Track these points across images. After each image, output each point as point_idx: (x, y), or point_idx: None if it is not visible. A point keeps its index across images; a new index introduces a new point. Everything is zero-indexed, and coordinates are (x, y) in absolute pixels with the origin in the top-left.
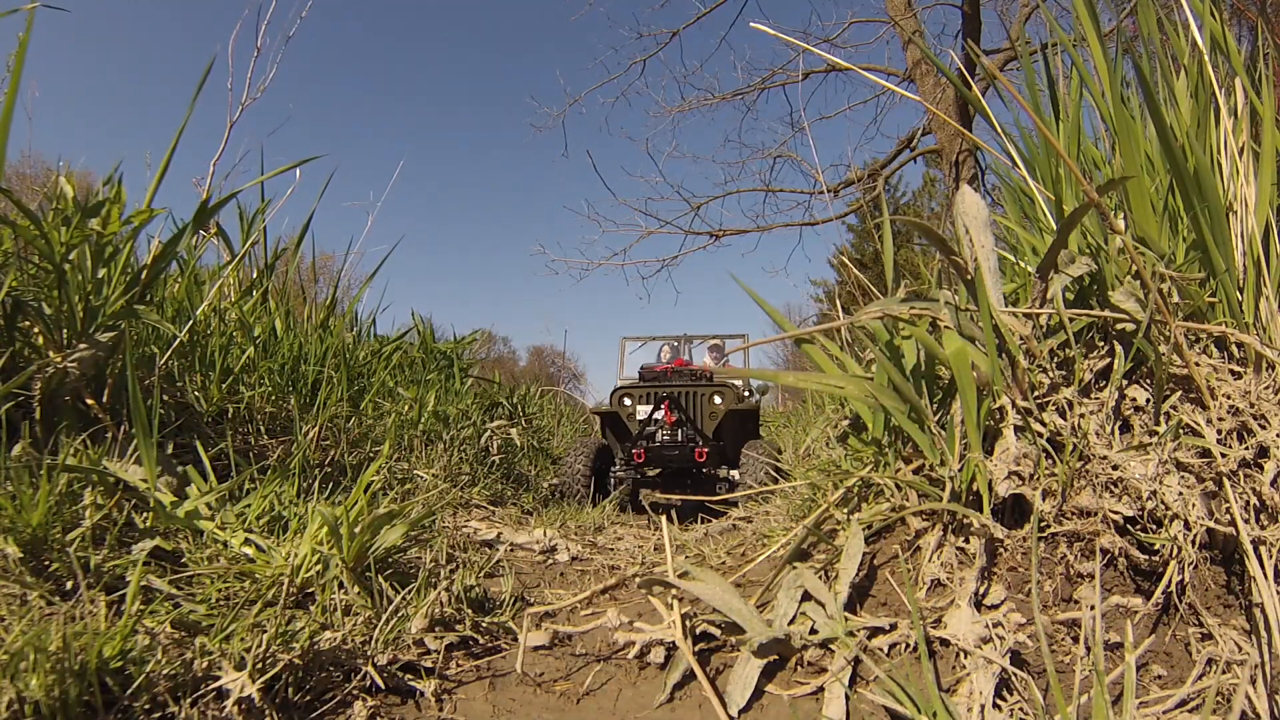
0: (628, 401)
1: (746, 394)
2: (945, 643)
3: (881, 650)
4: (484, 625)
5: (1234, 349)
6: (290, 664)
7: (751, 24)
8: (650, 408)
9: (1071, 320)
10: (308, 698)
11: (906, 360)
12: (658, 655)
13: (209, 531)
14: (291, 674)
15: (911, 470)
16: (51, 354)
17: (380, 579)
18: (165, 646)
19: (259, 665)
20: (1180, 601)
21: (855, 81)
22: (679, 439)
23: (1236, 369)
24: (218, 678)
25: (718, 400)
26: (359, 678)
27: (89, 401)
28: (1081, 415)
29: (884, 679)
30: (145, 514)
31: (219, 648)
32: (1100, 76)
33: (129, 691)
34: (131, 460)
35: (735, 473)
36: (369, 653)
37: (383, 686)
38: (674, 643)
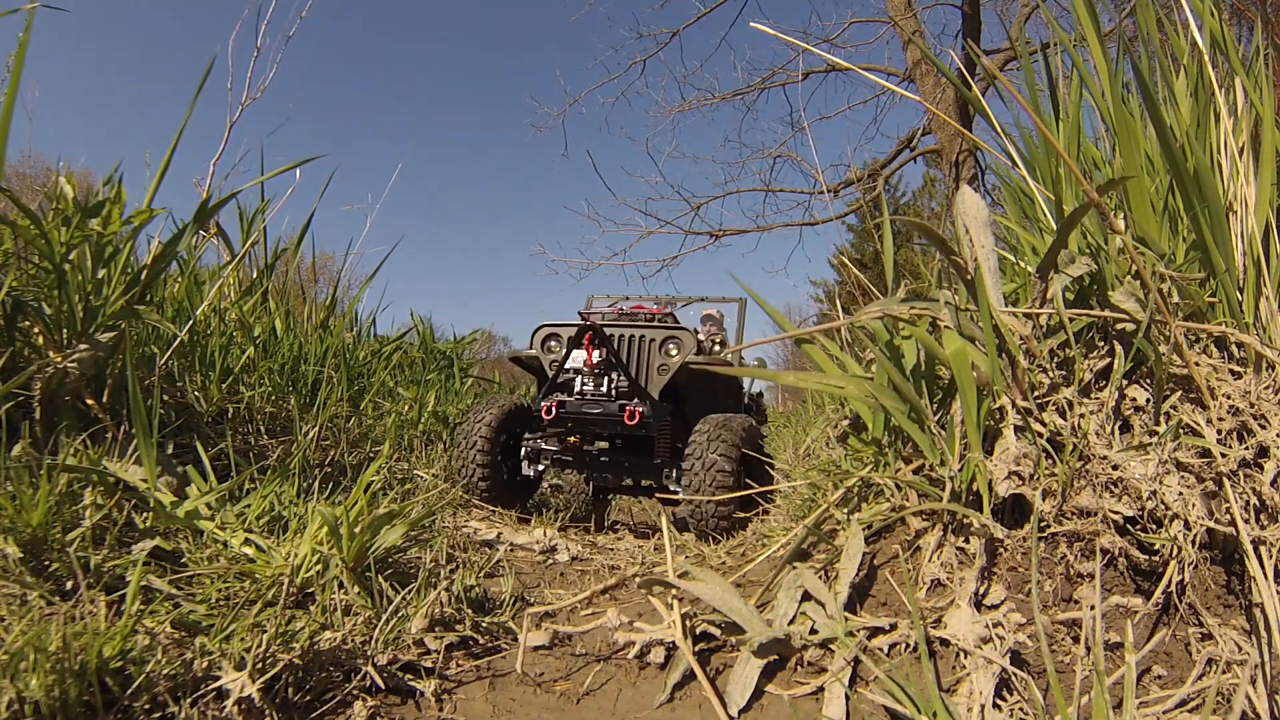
0: (554, 343)
1: (717, 346)
2: (945, 643)
3: (881, 650)
4: (484, 625)
5: (1234, 349)
6: (290, 664)
7: (751, 24)
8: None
9: (1071, 320)
10: (308, 698)
11: (906, 360)
12: (658, 655)
13: (209, 532)
14: (291, 674)
15: (911, 470)
16: (51, 354)
17: (380, 579)
18: (165, 646)
19: (259, 665)
20: (1180, 601)
21: (855, 81)
22: (605, 390)
23: (1236, 369)
24: (218, 678)
25: (673, 349)
26: (359, 678)
27: (89, 401)
28: (1081, 415)
29: (884, 679)
30: (145, 514)
31: (219, 648)
32: (1100, 76)
33: (129, 691)
34: (131, 460)
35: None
36: (369, 653)
37: (383, 686)
38: (674, 643)
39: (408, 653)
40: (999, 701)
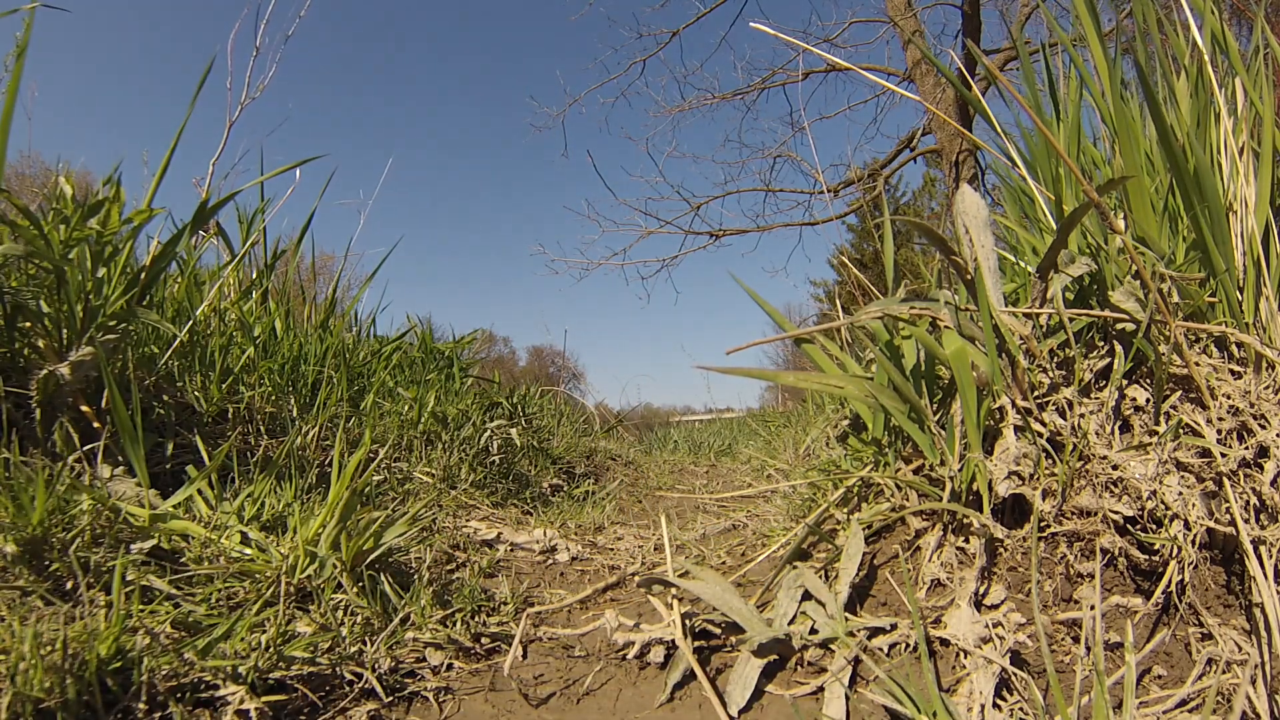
0: None
1: None
2: (945, 643)
3: (881, 650)
4: (484, 626)
5: (1234, 349)
6: (289, 665)
7: (751, 24)
8: None
9: (1071, 320)
10: (307, 704)
11: (906, 360)
12: (658, 655)
13: (203, 535)
14: (290, 676)
15: (911, 470)
16: (50, 358)
17: (381, 578)
18: (165, 647)
19: (258, 678)
20: (1180, 601)
21: (855, 81)
22: None
23: (1236, 369)
24: (217, 686)
25: None
26: (359, 680)
27: (83, 408)
28: (1081, 415)
29: (884, 679)
30: (140, 516)
31: (219, 648)
32: (1100, 76)
33: (129, 692)
34: (123, 470)
35: None
36: (369, 654)
37: (382, 688)
38: (674, 642)
39: (408, 654)
40: (999, 701)
